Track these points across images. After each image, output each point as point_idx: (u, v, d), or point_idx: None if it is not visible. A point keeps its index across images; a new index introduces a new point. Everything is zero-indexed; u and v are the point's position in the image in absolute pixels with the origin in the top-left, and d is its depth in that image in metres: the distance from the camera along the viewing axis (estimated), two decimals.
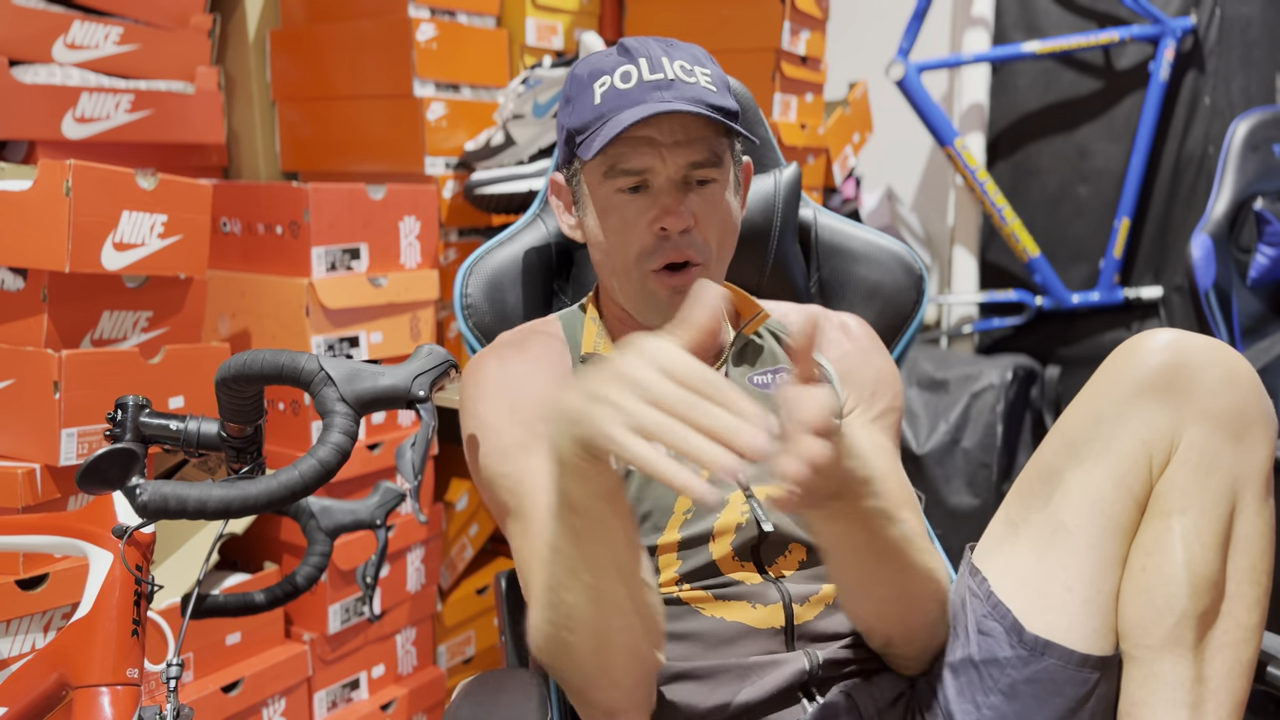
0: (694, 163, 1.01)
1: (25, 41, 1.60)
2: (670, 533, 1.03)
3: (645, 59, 1.01)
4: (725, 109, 1.01)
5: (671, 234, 1.01)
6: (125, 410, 0.99)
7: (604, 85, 1.00)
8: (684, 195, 1.01)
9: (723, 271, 1.08)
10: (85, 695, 0.92)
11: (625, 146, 1.00)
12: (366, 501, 1.28)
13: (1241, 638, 0.94)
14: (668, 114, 0.98)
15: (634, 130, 0.99)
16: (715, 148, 1.02)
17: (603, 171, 1.02)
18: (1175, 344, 0.97)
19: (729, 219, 1.05)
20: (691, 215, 1.01)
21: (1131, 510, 0.97)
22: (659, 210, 1.00)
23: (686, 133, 1.00)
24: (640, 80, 0.99)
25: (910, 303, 1.32)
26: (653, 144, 0.99)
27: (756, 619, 1.02)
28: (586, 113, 1.01)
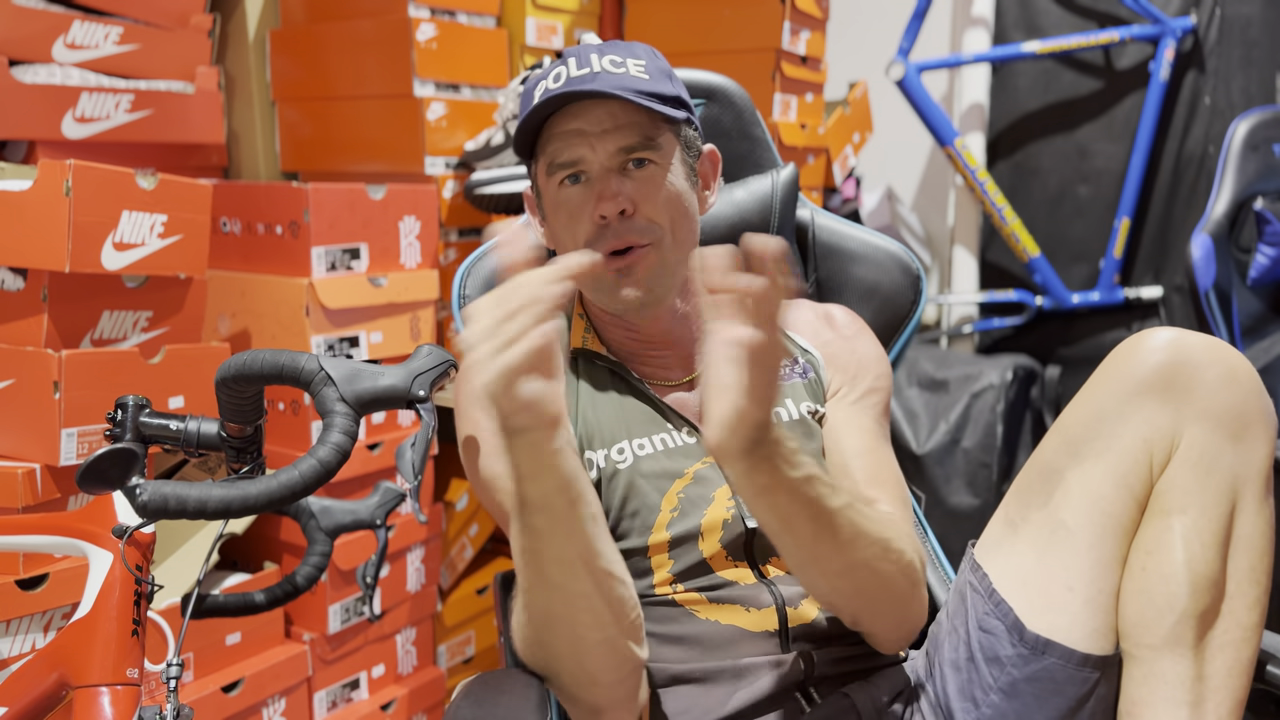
0: (624, 147, 1.02)
1: (25, 41, 1.60)
2: (659, 531, 1.03)
3: (575, 59, 1.03)
4: (657, 94, 1.01)
5: (610, 220, 1.01)
6: (125, 410, 0.99)
7: (541, 90, 1.03)
8: (620, 181, 1.02)
9: (682, 255, 1.06)
10: (85, 695, 0.92)
11: (558, 142, 1.02)
12: (366, 501, 1.28)
13: (1241, 637, 0.94)
14: (594, 105, 1.01)
15: (564, 125, 1.02)
16: (648, 132, 1.02)
17: (545, 171, 1.05)
18: (1175, 343, 0.97)
19: (677, 200, 1.04)
20: (627, 199, 1.01)
21: (1132, 509, 0.97)
22: (595, 198, 1.02)
23: (614, 120, 1.01)
24: (568, 78, 1.01)
25: (908, 303, 1.32)
26: (582, 135, 1.01)
27: (751, 622, 1.02)
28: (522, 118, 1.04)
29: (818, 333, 1.17)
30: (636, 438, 1.06)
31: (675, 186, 1.04)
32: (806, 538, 0.90)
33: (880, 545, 0.94)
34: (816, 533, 0.89)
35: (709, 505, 1.04)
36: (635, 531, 1.04)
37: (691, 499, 1.04)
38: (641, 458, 1.06)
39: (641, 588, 1.03)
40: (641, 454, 1.06)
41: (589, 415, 1.08)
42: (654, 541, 1.03)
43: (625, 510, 1.04)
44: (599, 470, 1.05)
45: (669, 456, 1.06)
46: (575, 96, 1.00)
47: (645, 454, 1.06)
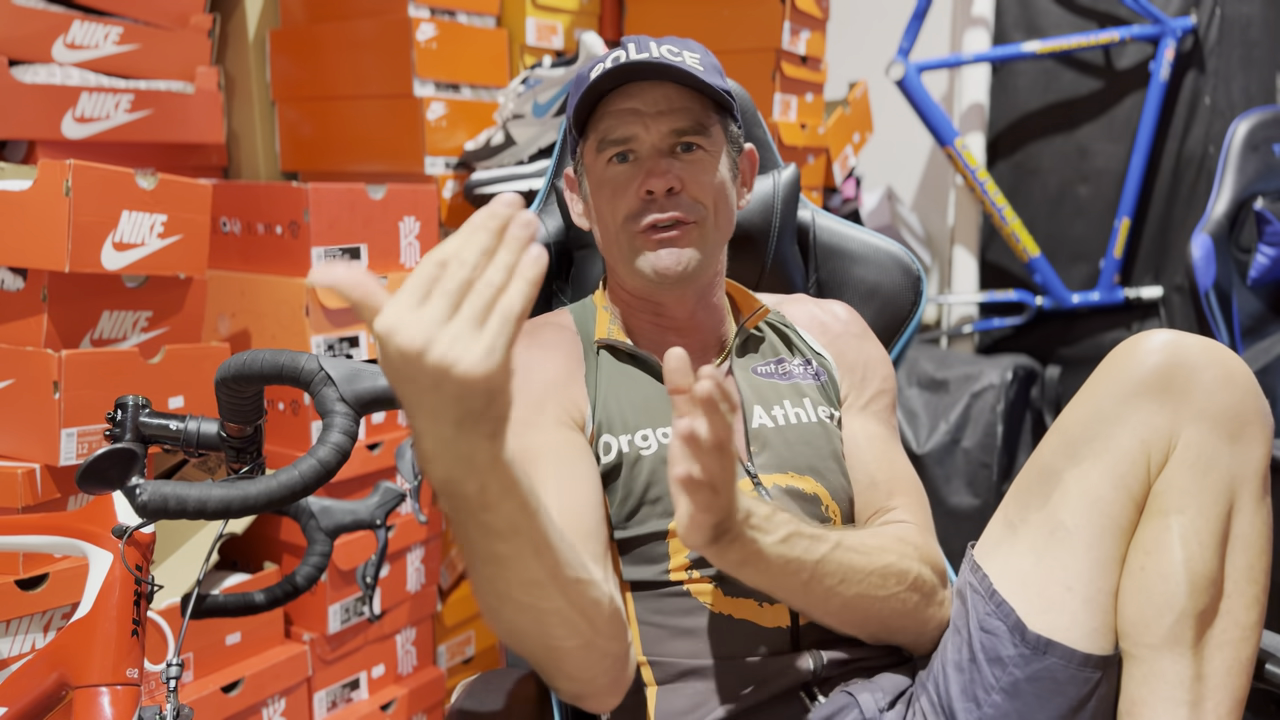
0: (677, 129, 1.04)
1: (25, 41, 1.60)
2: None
3: (634, 44, 1.04)
4: (712, 85, 1.03)
5: (658, 195, 1.03)
6: (125, 410, 0.99)
7: (598, 71, 1.04)
8: (670, 162, 1.04)
9: (721, 241, 1.09)
10: (85, 695, 0.93)
11: (612, 120, 1.04)
12: (366, 501, 1.28)
13: (1240, 636, 0.94)
14: (651, 87, 1.03)
15: (619, 103, 1.04)
16: (700, 118, 1.05)
17: (595, 148, 1.06)
18: (1172, 344, 0.97)
19: (722, 187, 1.07)
20: (677, 178, 1.03)
21: (1130, 509, 0.97)
22: (644, 174, 1.03)
23: (669, 102, 1.03)
24: (627, 58, 1.02)
25: (908, 303, 1.32)
26: (637, 114, 1.03)
27: (763, 617, 1.02)
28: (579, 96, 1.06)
29: (824, 329, 1.18)
30: (662, 426, 1.06)
31: (721, 175, 1.07)
32: (796, 590, 0.94)
33: (877, 574, 0.97)
34: (805, 583, 0.93)
35: None
36: (655, 516, 1.04)
37: None
38: (667, 445, 1.06)
39: (655, 573, 1.04)
40: (667, 441, 1.06)
41: (609, 402, 1.08)
42: (673, 527, 1.03)
43: (648, 496, 1.04)
44: (619, 454, 1.05)
45: None
46: (636, 73, 1.02)
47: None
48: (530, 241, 0.64)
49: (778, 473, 1.06)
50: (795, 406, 1.10)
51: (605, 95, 1.05)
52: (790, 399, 1.11)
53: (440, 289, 0.63)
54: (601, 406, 1.08)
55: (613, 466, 1.05)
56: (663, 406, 1.08)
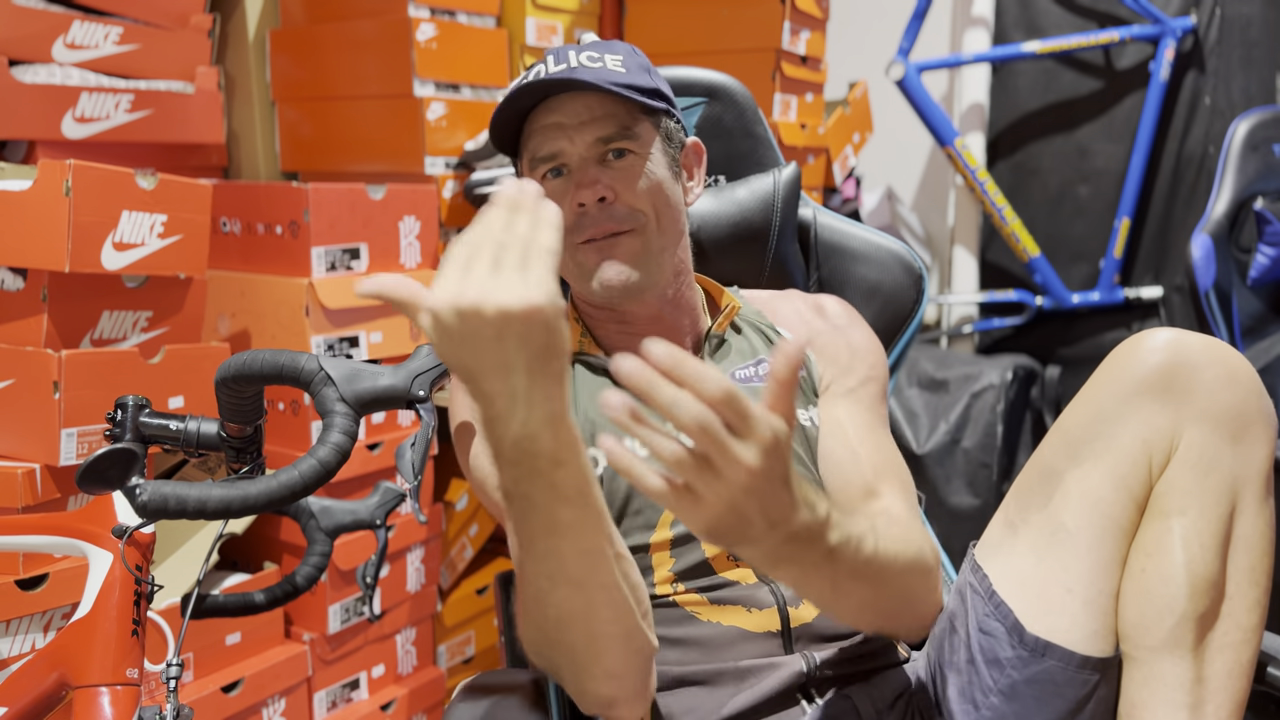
0: (602, 138, 1.03)
1: (25, 41, 1.60)
2: (662, 530, 1.03)
3: (553, 56, 1.04)
4: (634, 86, 1.02)
5: (589, 208, 1.02)
6: (125, 410, 0.99)
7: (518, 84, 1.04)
8: (599, 172, 1.03)
9: (668, 243, 1.06)
10: (85, 695, 0.92)
11: (538, 137, 1.04)
12: (366, 501, 1.28)
13: (1241, 638, 0.94)
14: (570, 99, 1.02)
15: (543, 119, 1.03)
16: (625, 122, 1.03)
17: (529, 167, 1.06)
18: (1174, 343, 0.97)
19: (658, 189, 1.05)
20: (607, 187, 1.02)
21: (1131, 510, 0.97)
22: (574, 188, 1.03)
23: (591, 112, 1.03)
24: (546, 74, 1.02)
25: (910, 302, 1.32)
26: (560, 128, 1.03)
27: (753, 623, 1.02)
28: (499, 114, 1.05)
29: (807, 323, 1.17)
30: None
31: (656, 176, 1.05)
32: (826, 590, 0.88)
33: (901, 563, 0.93)
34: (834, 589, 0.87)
35: None
36: (638, 530, 1.04)
37: None
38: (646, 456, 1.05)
39: None
40: (645, 452, 1.05)
41: (589, 414, 1.07)
42: (656, 540, 1.03)
43: (629, 508, 1.04)
44: (600, 468, 1.05)
45: None
46: (551, 88, 1.01)
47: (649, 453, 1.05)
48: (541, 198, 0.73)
49: None
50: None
51: (530, 112, 1.04)
52: None
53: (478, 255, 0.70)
54: (582, 421, 1.07)
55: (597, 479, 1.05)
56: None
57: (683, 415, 0.69)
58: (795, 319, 1.17)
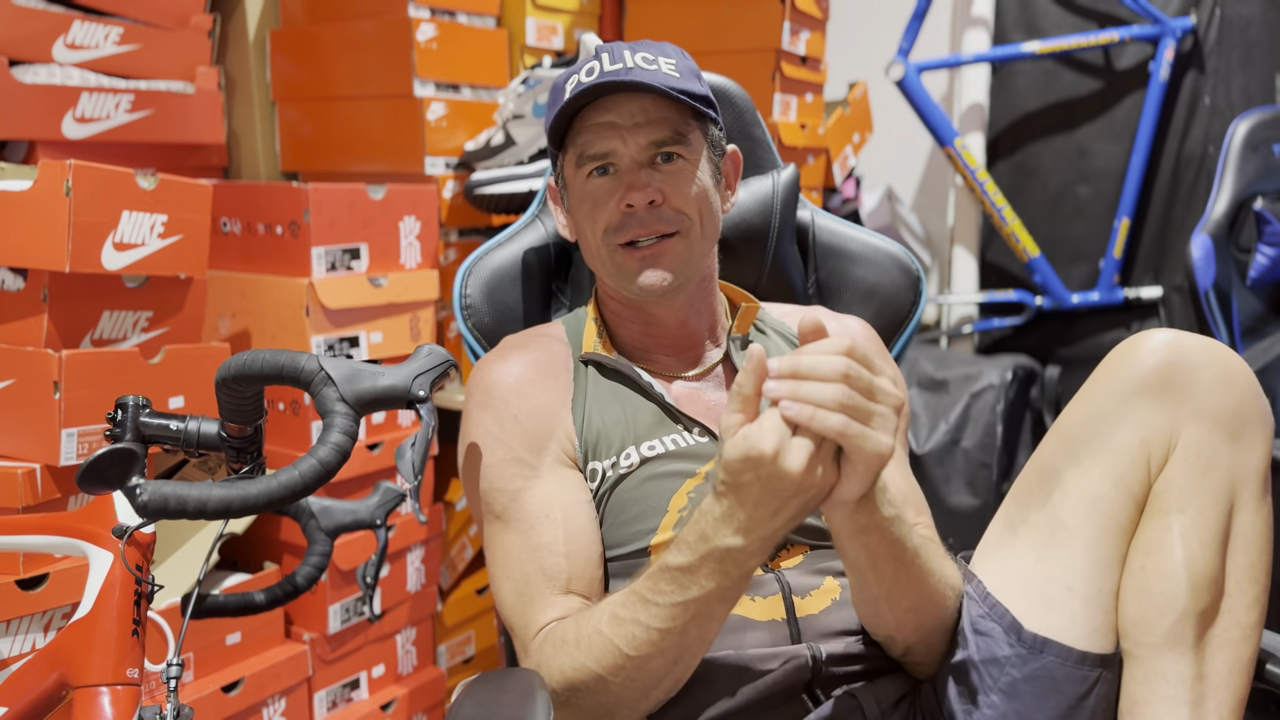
0: (655, 141, 1.03)
1: (25, 41, 1.60)
2: (664, 532, 1.03)
3: (609, 54, 1.04)
4: (688, 91, 1.03)
5: (637, 209, 1.03)
6: (125, 410, 0.99)
7: (573, 84, 1.04)
8: (650, 175, 1.04)
9: (706, 249, 1.09)
10: (85, 695, 0.92)
11: (590, 134, 1.04)
12: (366, 501, 1.28)
13: (1241, 635, 0.94)
14: (627, 99, 1.03)
15: (596, 117, 1.03)
16: (679, 127, 1.04)
17: (575, 162, 1.06)
18: (1173, 344, 0.97)
19: (704, 195, 1.07)
20: (657, 190, 1.03)
21: (1130, 509, 0.97)
22: (624, 189, 1.03)
23: (646, 114, 1.03)
24: (601, 72, 1.02)
25: (907, 304, 1.32)
26: (614, 128, 1.03)
27: (757, 611, 1.02)
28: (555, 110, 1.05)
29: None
30: (646, 440, 1.07)
31: (702, 182, 1.06)
32: (888, 575, 0.92)
33: (943, 579, 0.98)
34: (896, 571, 0.92)
35: None
36: (639, 535, 1.04)
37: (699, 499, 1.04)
38: (650, 459, 1.06)
39: None
40: (651, 455, 1.06)
41: (595, 422, 1.08)
42: (656, 542, 1.03)
43: (628, 514, 1.04)
44: (603, 478, 1.06)
45: (679, 458, 1.06)
46: (611, 88, 1.01)
47: (655, 454, 1.06)
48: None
49: None
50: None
51: (582, 108, 1.05)
52: None
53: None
54: (588, 429, 1.08)
55: (598, 491, 1.06)
56: (645, 420, 1.08)
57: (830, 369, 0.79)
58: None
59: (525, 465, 1.05)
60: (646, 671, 0.90)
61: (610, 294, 1.13)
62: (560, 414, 1.08)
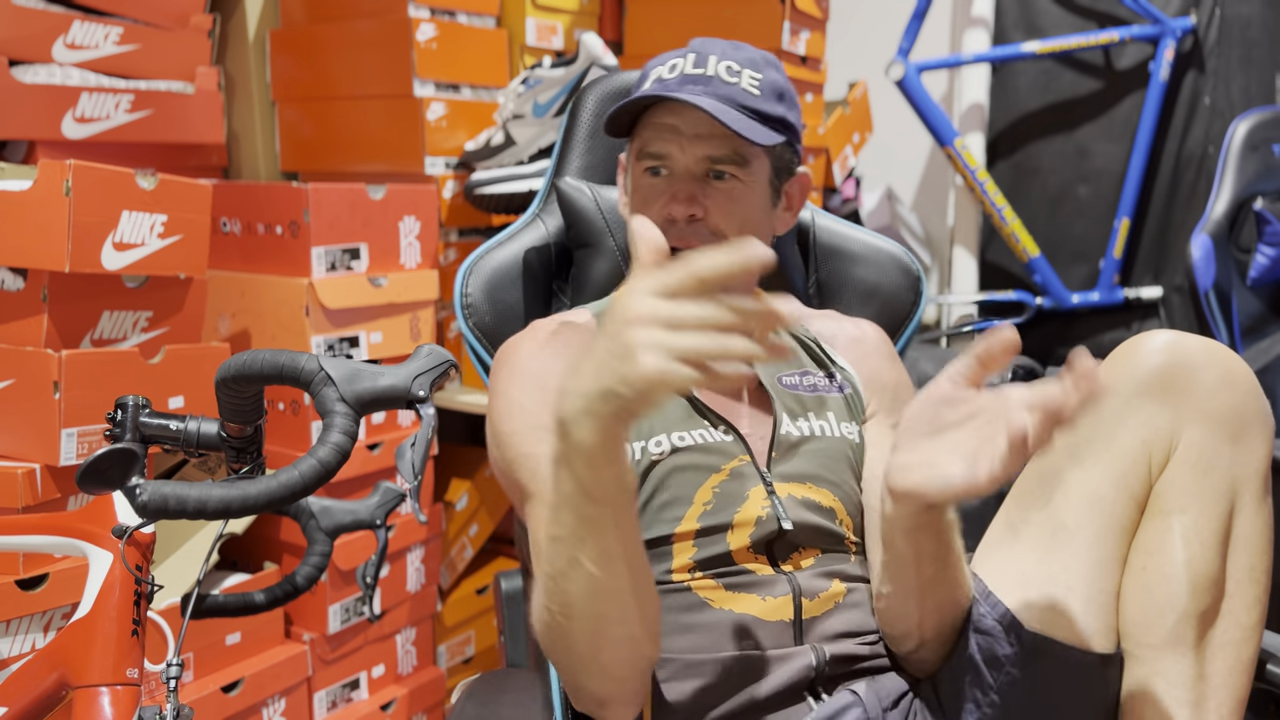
0: (712, 156, 1.03)
1: (25, 41, 1.60)
2: (688, 522, 1.03)
3: (695, 54, 1.04)
4: (760, 112, 1.02)
5: (678, 220, 1.03)
6: (125, 410, 0.99)
7: (656, 74, 1.05)
8: (699, 186, 1.03)
9: None
10: (85, 695, 0.92)
11: (653, 132, 1.04)
12: (366, 501, 1.28)
13: (1242, 636, 0.94)
14: (695, 107, 1.01)
15: (663, 117, 1.04)
16: (739, 146, 1.04)
17: (636, 152, 1.07)
18: (1173, 345, 0.97)
19: (749, 220, 1.06)
20: (701, 206, 1.03)
21: (1131, 510, 0.97)
22: (669, 196, 1.04)
23: (710, 127, 1.03)
24: (681, 73, 1.02)
25: (908, 304, 1.32)
26: (675, 132, 1.03)
27: (765, 610, 1.02)
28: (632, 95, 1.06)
29: (855, 344, 1.18)
30: (676, 430, 1.06)
31: (751, 206, 1.06)
32: (928, 574, 0.93)
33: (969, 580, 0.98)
34: (937, 572, 0.93)
35: (744, 502, 1.04)
36: (665, 521, 1.04)
37: (727, 494, 1.04)
38: (681, 449, 1.05)
39: (658, 574, 1.03)
40: (681, 445, 1.06)
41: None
42: (680, 530, 1.03)
43: (656, 500, 1.04)
44: (633, 460, 1.05)
45: (706, 452, 1.06)
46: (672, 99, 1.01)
47: (685, 445, 1.06)
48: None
49: (796, 483, 1.06)
50: (819, 420, 1.10)
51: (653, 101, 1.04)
52: (815, 411, 1.10)
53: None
54: None
55: None
56: (675, 411, 1.07)
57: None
58: (838, 338, 1.18)
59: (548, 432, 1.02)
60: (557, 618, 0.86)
61: None
62: None
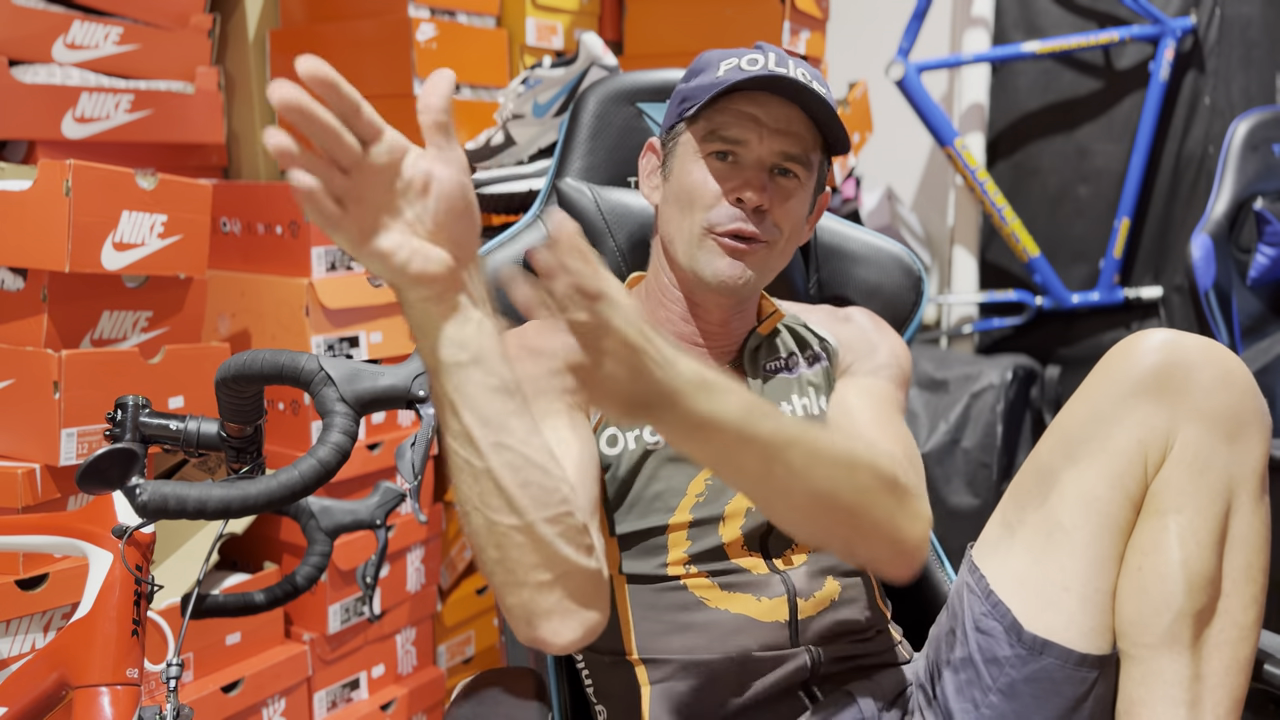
0: (787, 153, 1.04)
1: (25, 41, 1.60)
2: (681, 513, 1.03)
3: (774, 55, 1.04)
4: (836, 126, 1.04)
5: (747, 207, 1.03)
6: (125, 410, 0.99)
7: (730, 65, 1.04)
8: (768, 178, 1.04)
9: (782, 264, 1.10)
10: (85, 695, 0.93)
11: (731, 117, 1.04)
12: (366, 501, 1.28)
13: (1238, 635, 0.94)
14: (777, 102, 1.03)
15: (744, 105, 1.03)
16: (809, 149, 1.05)
17: (702, 135, 1.06)
18: (1170, 344, 0.97)
19: (799, 220, 1.08)
20: (769, 198, 1.04)
21: (1127, 509, 0.97)
22: (741, 182, 1.03)
23: (790, 123, 1.04)
24: (765, 67, 1.02)
25: (909, 304, 1.32)
26: (756, 122, 1.03)
27: (761, 611, 1.02)
28: (706, 81, 1.05)
29: (840, 321, 1.19)
30: None
31: (801, 209, 1.07)
32: (757, 469, 0.84)
33: (845, 462, 0.88)
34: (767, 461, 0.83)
35: (735, 494, 1.04)
36: (657, 512, 1.04)
37: (719, 485, 1.05)
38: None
39: (652, 567, 1.04)
40: None
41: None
42: (674, 522, 1.03)
43: (650, 490, 1.04)
44: (625, 448, 1.05)
45: None
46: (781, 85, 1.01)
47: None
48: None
49: None
50: (802, 398, 1.11)
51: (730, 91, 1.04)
52: (797, 392, 1.11)
53: None
54: None
55: (618, 458, 1.05)
56: None
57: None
58: (824, 318, 1.19)
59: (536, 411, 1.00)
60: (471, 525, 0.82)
61: (666, 268, 1.11)
62: None
